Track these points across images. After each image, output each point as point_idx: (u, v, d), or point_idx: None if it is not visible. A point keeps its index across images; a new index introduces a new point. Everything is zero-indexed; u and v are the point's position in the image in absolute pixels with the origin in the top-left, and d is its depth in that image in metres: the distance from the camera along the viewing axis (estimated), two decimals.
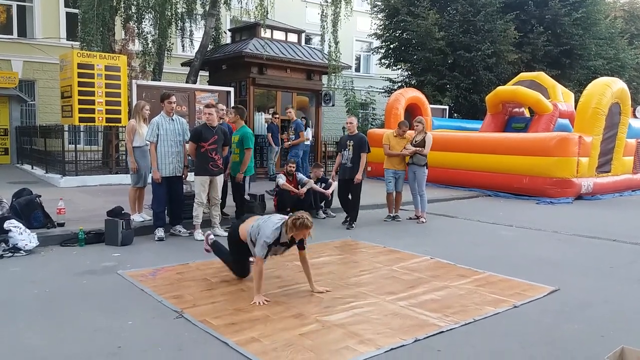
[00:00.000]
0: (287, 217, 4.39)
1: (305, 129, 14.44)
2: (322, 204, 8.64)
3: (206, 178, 6.71)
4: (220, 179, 6.96)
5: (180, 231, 6.90)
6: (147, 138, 6.72)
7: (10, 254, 5.58)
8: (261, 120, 14.78)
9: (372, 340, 3.49)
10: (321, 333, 3.61)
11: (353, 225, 7.79)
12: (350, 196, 7.93)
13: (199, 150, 6.61)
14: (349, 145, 7.89)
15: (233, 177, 7.40)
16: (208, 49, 15.16)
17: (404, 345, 3.43)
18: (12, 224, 5.79)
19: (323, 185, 8.52)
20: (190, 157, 6.94)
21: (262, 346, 3.36)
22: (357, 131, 8.02)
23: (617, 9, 25.82)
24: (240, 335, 3.52)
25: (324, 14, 15.05)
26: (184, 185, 7.04)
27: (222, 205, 7.81)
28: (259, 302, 4.18)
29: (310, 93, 15.76)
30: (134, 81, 12.03)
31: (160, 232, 6.65)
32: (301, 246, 4.50)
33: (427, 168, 8.45)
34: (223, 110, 7.84)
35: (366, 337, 3.55)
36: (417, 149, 8.26)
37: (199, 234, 6.69)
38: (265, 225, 4.40)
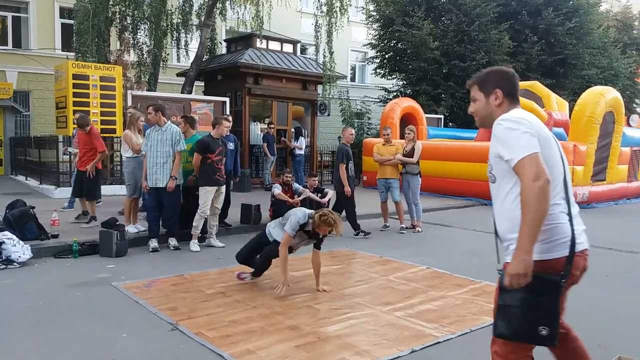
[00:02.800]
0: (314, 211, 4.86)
1: (299, 138, 14.51)
2: None
3: (213, 189, 6.74)
4: (224, 189, 7.03)
5: (170, 244, 6.72)
6: (142, 149, 6.83)
7: (3, 266, 5.54)
8: (256, 130, 14.81)
9: (368, 352, 3.46)
10: (317, 345, 3.59)
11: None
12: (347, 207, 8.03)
13: (204, 161, 6.63)
14: (351, 157, 8.07)
15: (184, 187, 7.04)
16: (203, 60, 15.20)
17: (400, 357, 3.41)
18: (5, 236, 5.74)
19: (319, 194, 8.52)
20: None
21: (257, 358, 3.34)
22: None
23: (610, 18, 26.04)
24: (235, 348, 3.49)
25: (318, 24, 15.12)
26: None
27: (224, 216, 7.82)
28: (281, 290, 4.64)
29: (305, 103, 15.80)
30: (129, 92, 12.04)
31: (153, 243, 6.59)
32: (317, 246, 4.98)
33: (420, 177, 8.47)
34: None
35: (362, 349, 3.52)
36: (403, 158, 8.30)
37: (194, 245, 6.66)
38: (296, 212, 4.86)
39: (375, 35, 20.71)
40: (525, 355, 2.22)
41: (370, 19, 20.79)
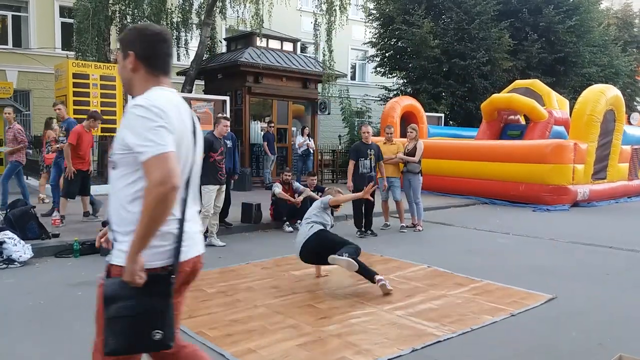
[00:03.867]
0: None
1: (303, 136, 14.48)
2: None
3: (215, 187, 6.80)
4: (224, 188, 7.13)
5: None
6: None
7: (4, 266, 5.54)
8: (257, 129, 14.79)
9: (369, 351, 3.47)
10: (318, 344, 3.59)
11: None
12: (365, 204, 7.97)
13: (207, 160, 6.64)
14: (370, 155, 7.97)
15: None
16: (204, 58, 15.18)
17: (401, 356, 3.41)
18: (6, 235, 5.75)
19: (320, 194, 8.51)
20: None
21: (258, 357, 3.34)
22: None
23: (611, 16, 26.00)
24: (236, 347, 3.49)
25: (318, 23, 15.10)
26: None
27: (225, 215, 7.84)
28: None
29: (306, 102, 15.79)
30: None
31: None
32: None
33: (421, 175, 8.47)
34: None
35: (363, 348, 3.52)
36: (404, 157, 8.33)
37: None
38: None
39: (376, 34, 20.68)
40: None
41: (370, 17, 20.75)
